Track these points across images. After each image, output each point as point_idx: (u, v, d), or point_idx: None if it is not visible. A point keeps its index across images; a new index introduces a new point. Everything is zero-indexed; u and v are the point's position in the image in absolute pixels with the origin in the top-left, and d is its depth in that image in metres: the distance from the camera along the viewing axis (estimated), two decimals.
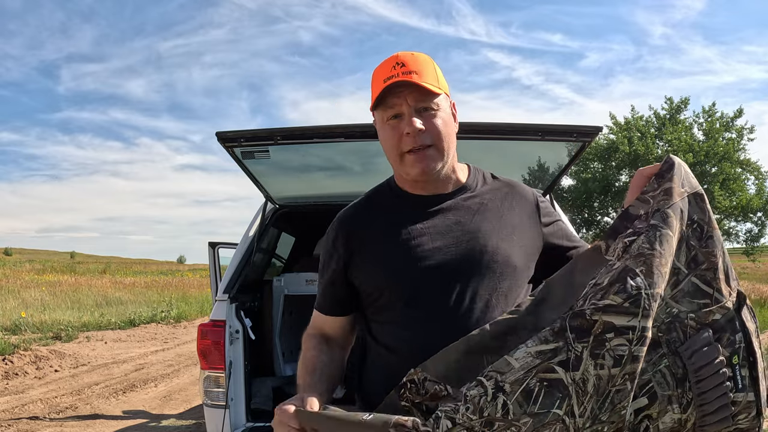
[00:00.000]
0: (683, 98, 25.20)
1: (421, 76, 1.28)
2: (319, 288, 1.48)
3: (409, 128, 1.27)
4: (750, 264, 27.79)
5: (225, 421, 3.06)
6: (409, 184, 1.39)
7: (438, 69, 1.34)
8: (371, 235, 1.37)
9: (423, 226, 1.34)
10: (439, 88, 1.31)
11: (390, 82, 1.27)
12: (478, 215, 1.35)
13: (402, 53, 1.32)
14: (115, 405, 6.25)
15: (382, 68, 1.32)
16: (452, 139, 1.35)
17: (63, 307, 15.14)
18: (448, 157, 1.34)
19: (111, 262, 65.48)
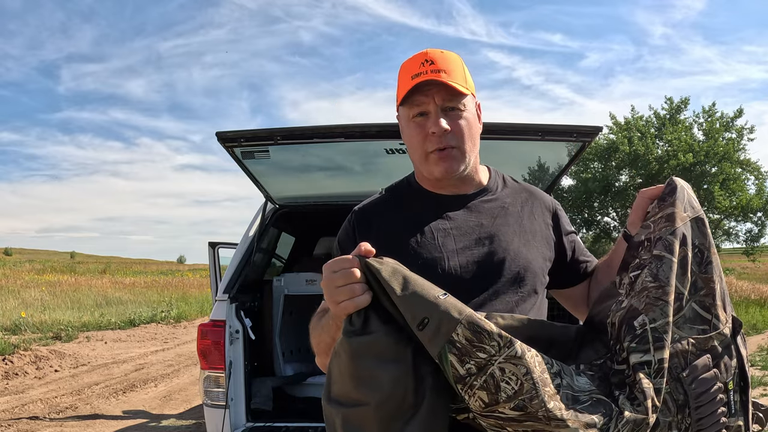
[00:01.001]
0: (683, 98, 25.24)
1: (449, 75, 1.26)
2: None
3: (435, 128, 1.26)
4: (750, 264, 27.78)
5: (225, 421, 3.06)
6: (430, 183, 1.38)
7: (466, 69, 1.33)
8: (392, 230, 1.34)
9: (446, 226, 1.32)
10: (467, 88, 1.29)
11: (418, 80, 1.25)
12: (500, 218, 1.34)
13: (431, 50, 1.30)
14: (115, 405, 6.25)
15: (410, 64, 1.30)
16: (476, 140, 1.34)
17: (63, 307, 15.14)
18: (471, 158, 1.33)
19: (111, 262, 65.48)
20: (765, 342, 8.67)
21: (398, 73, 1.34)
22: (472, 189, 1.38)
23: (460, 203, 1.35)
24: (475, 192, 1.38)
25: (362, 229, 1.37)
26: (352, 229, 1.38)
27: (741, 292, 13.11)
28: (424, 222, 1.33)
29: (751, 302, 11.99)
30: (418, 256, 1.29)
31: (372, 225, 1.37)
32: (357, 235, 1.36)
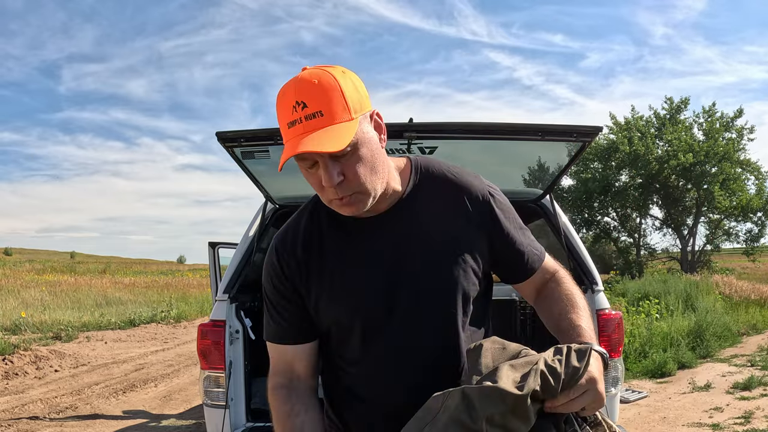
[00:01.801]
0: (683, 98, 25.22)
1: (327, 116, 1.09)
2: (271, 320, 1.32)
3: (326, 183, 1.13)
4: (750, 264, 27.73)
5: (225, 421, 3.06)
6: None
7: (348, 88, 1.12)
8: (324, 260, 1.28)
9: (360, 253, 1.26)
10: (352, 118, 1.11)
11: (294, 136, 1.10)
12: (417, 230, 1.25)
13: (302, 82, 1.10)
14: (115, 405, 6.25)
15: (283, 103, 1.12)
16: (379, 168, 1.18)
17: (63, 307, 15.14)
18: (377, 191, 1.19)
19: (111, 262, 65.45)
20: (765, 342, 8.67)
21: (275, 107, 1.17)
22: (389, 204, 1.27)
23: (379, 223, 1.26)
24: (392, 207, 1.27)
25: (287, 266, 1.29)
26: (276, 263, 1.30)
27: (741, 292, 13.10)
28: (347, 251, 1.27)
29: (751, 302, 11.99)
30: (336, 300, 1.26)
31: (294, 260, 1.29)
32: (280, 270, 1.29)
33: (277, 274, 1.30)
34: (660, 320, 8.98)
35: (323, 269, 1.28)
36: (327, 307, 1.27)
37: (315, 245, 1.29)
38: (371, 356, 1.26)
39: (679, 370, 7.11)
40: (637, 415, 5.36)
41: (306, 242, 1.30)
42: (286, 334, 1.31)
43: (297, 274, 1.28)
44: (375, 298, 1.24)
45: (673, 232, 26.73)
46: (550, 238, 3.93)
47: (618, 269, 24.63)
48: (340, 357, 1.30)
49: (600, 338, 3.09)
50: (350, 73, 1.16)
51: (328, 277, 1.27)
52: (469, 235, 1.27)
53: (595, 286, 3.18)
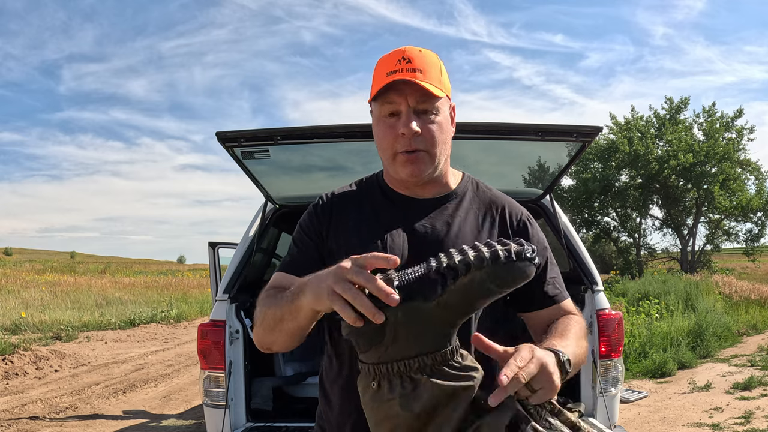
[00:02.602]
0: (683, 98, 25.19)
1: (425, 75, 1.23)
2: (288, 254, 1.37)
3: (405, 129, 1.23)
4: (750, 264, 27.71)
5: (225, 421, 3.06)
6: (396, 183, 1.37)
7: (444, 70, 1.30)
8: (347, 225, 1.34)
9: (398, 228, 1.30)
10: (442, 90, 1.26)
11: (393, 78, 1.22)
12: (455, 227, 1.31)
13: (409, 48, 1.27)
14: (115, 405, 6.25)
15: (387, 60, 1.27)
16: (447, 144, 1.32)
17: (63, 307, 15.14)
18: (440, 162, 1.30)
19: (111, 262, 65.45)
20: (765, 342, 8.67)
21: (374, 67, 1.31)
22: (438, 193, 1.35)
23: (420, 206, 1.33)
24: (439, 196, 1.35)
25: (323, 218, 1.36)
26: (315, 215, 1.38)
27: (741, 292, 13.10)
28: (380, 222, 1.32)
29: (751, 302, 11.99)
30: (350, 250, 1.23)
31: (332, 215, 1.36)
32: (317, 221, 1.36)
33: (310, 216, 1.38)
34: (660, 320, 8.98)
35: (355, 221, 1.33)
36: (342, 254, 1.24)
37: (356, 203, 1.37)
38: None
39: (679, 370, 7.11)
40: (637, 415, 5.36)
41: (348, 200, 1.38)
42: (299, 267, 1.29)
43: (329, 223, 1.35)
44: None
45: (673, 232, 26.73)
46: (550, 238, 3.93)
47: (618, 269, 24.63)
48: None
49: (600, 338, 3.09)
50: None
51: (358, 237, 1.30)
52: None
53: (595, 286, 3.18)
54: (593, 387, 3.11)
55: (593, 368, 3.09)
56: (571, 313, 1.34)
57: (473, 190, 1.40)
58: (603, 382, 3.08)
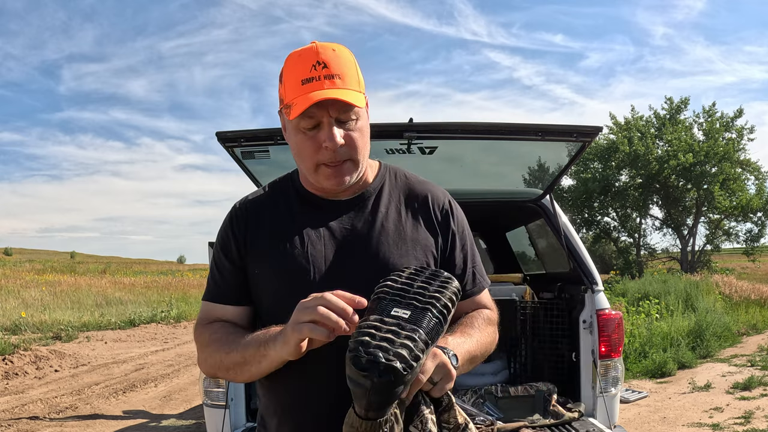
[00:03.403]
0: (683, 98, 25.19)
1: (344, 80, 1.18)
2: (211, 278, 1.34)
3: (329, 142, 1.19)
4: (750, 264, 27.69)
5: (225, 421, 3.06)
6: (312, 186, 1.32)
7: (357, 66, 1.24)
8: (265, 233, 1.31)
9: (319, 234, 1.28)
10: (361, 92, 1.22)
11: (312, 91, 1.16)
12: (377, 225, 1.28)
13: (322, 48, 1.19)
14: (115, 405, 6.25)
15: (299, 64, 1.19)
16: (367, 147, 1.28)
17: (63, 307, 15.14)
18: (363, 167, 1.27)
19: (111, 262, 65.42)
20: (765, 342, 8.67)
21: (284, 66, 1.24)
22: (356, 191, 1.32)
23: (339, 207, 1.30)
24: (357, 195, 1.32)
25: (239, 234, 1.32)
26: (231, 232, 1.33)
27: (741, 292, 13.09)
28: (298, 228, 1.29)
29: (751, 302, 11.98)
30: (286, 263, 1.26)
31: (248, 229, 1.32)
32: (233, 239, 1.32)
33: (227, 237, 1.33)
34: (660, 320, 8.98)
35: (274, 232, 1.30)
36: (268, 277, 1.27)
37: (272, 210, 1.33)
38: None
39: (679, 370, 7.11)
40: (637, 415, 5.36)
41: (264, 208, 1.34)
42: (225, 296, 1.31)
43: (245, 239, 1.31)
44: (318, 275, 1.24)
45: (673, 232, 26.73)
46: (550, 238, 3.93)
47: (618, 269, 24.61)
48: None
49: (600, 338, 3.09)
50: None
51: (276, 239, 1.29)
52: (424, 236, 1.30)
53: (595, 286, 3.18)
54: (593, 387, 3.11)
55: (593, 368, 3.09)
56: (483, 307, 1.35)
57: (391, 180, 1.36)
58: (603, 382, 3.08)
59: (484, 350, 1.26)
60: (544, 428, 3.05)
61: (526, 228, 4.52)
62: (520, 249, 5.34)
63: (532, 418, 3.12)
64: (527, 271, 4.77)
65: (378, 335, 0.98)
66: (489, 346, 1.28)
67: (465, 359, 1.18)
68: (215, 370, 1.26)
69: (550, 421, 3.08)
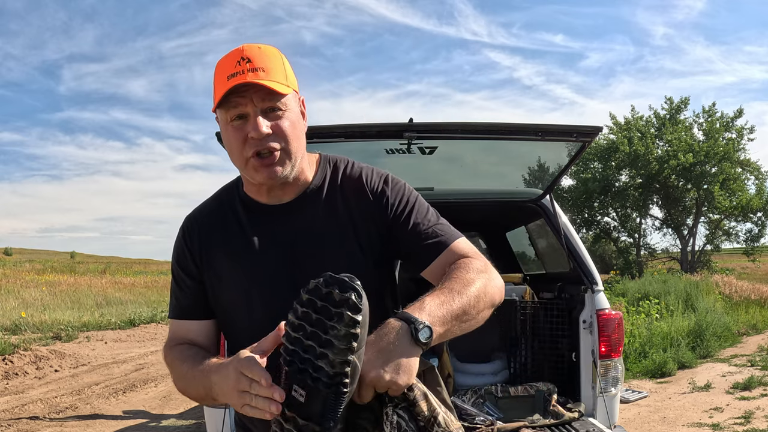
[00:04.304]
0: (683, 98, 25.19)
1: (268, 73, 1.18)
2: (174, 298, 1.36)
3: (254, 132, 1.17)
4: (750, 264, 27.69)
5: (225, 421, 3.06)
6: (254, 190, 1.31)
7: (287, 63, 1.25)
8: (220, 245, 1.31)
9: (264, 243, 1.27)
10: (288, 86, 1.21)
11: (234, 81, 1.16)
12: (319, 228, 1.27)
13: (248, 46, 1.21)
14: (115, 405, 6.25)
15: (226, 63, 1.20)
16: (301, 140, 1.26)
17: (63, 307, 15.15)
18: (296, 160, 1.24)
19: (111, 262, 65.38)
20: (765, 342, 8.67)
21: (213, 72, 1.24)
22: (296, 192, 1.30)
23: (282, 213, 1.29)
24: (299, 195, 1.30)
25: (193, 249, 1.33)
26: (185, 248, 1.34)
27: (741, 292, 13.09)
28: (247, 241, 1.28)
29: (751, 302, 11.98)
30: (235, 275, 1.27)
31: (201, 244, 1.32)
32: (189, 255, 1.33)
33: (182, 252, 1.34)
34: (660, 320, 8.98)
35: (227, 250, 1.30)
36: (225, 287, 1.29)
37: (222, 226, 1.32)
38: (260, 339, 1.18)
39: (679, 370, 7.11)
40: (637, 415, 5.36)
41: (214, 223, 1.33)
42: (188, 311, 1.34)
43: (200, 253, 1.32)
44: (270, 282, 1.25)
45: (673, 232, 26.73)
46: (550, 238, 3.93)
47: (618, 269, 24.61)
48: (237, 342, 1.29)
49: (600, 338, 3.09)
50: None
51: (230, 258, 1.29)
52: (366, 224, 1.28)
53: (595, 286, 3.18)
54: (593, 387, 3.11)
55: (593, 368, 3.09)
56: (461, 255, 1.25)
57: (331, 174, 1.34)
58: (603, 382, 3.08)
59: (473, 301, 1.14)
60: (544, 428, 3.05)
61: (526, 228, 4.52)
62: (520, 249, 5.34)
63: (532, 418, 3.12)
64: (527, 271, 4.77)
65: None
66: (480, 295, 1.15)
67: (446, 321, 1.08)
68: (184, 394, 1.28)
69: (550, 421, 3.08)
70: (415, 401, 1.04)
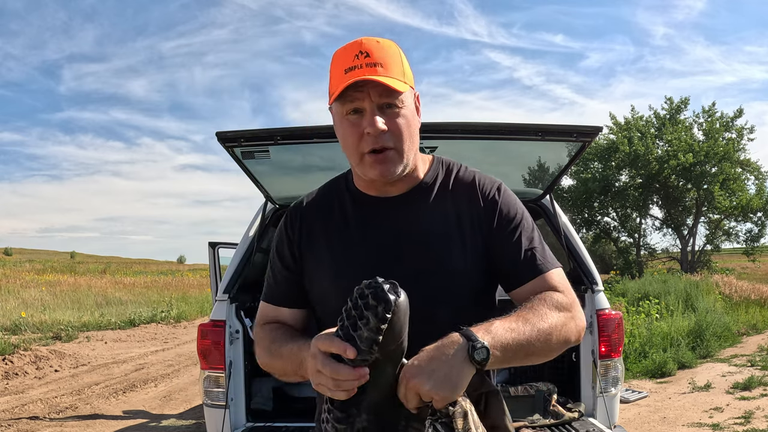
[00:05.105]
0: (683, 98, 25.16)
1: (386, 68, 1.18)
2: (268, 281, 1.38)
3: (370, 128, 1.18)
4: (750, 264, 27.69)
5: (225, 421, 3.06)
6: (364, 183, 1.32)
7: (404, 59, 1.24)
8: (322, 235, 1.31)
9: (371, 233, 1.27)
10: (405, 82, 1.21)
11: (353, 77, 1.16)
12: (423, 224, 1.26)
13: (366, 40, 1.21)
14: (115, 405, 6.25)
15: (344, 55, 1.20)
16: (415, 138, 1.26)
17: (63, 307, 15.14)
18: (409, 158, 1.24)
19: (111, 262, 65.41)
20: (765, 342, 8.67)
21: (330, 62, 1.24)
22: (407, 187, 1.30)
23: (389, 206, 1.29)
24: (408, 191, 1.30)
25: (293, 238, 1.34)
26: (286, 236, 1.35)
27: (741, 292, 13.10)
28: (350, 232, 1.29)
29: (751, 302, 11.98)
30: (335, 265, 1.27)
31: (302, 233, 1.33)
32: (288, 244, 1.34)
33: (281, 240, 1.36)
34: (660, 320, 8.98)
35: (328, 238, 1.30)
36: (323, 274, 1.29)
37: (326, 215, 1.33)
38: None
39: (679, 370, 7.11)
40: (637, 415, 5.36)
41: (318, 212, 1.34)
42: (279, 298, 1.36)
43: (300, 242, 1.33)
44: (365, 272, 1.20)
45: (673, 232, 26.72)
46: (550, 238, 3.93)
47: (618, 269, 24.61)
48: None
49: (600, 338, 3.09)
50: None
51: (330, 246, 1.29)
52: (473, 227, 1.26)
53: (595, 286, 3.18)
54: (593, 387, 3.11)
55: (593, 368, 3.09)
56: (554, 288, 1.22)
57: (444, 175, 1.33)
58: (603, 382, 3.08)
59: (544, 337, 1.11)
60: (544, 428, 3.05)
61: None
62: None
63: (532, 418, 3.12)
64: None
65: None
66: (553, 332, 1.12)
67: (508, 349, 1.06)
68: (267, 369, 1.33)
69: (550, 421, 3.08)
70: (454, 416, 1.05)
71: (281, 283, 1.35)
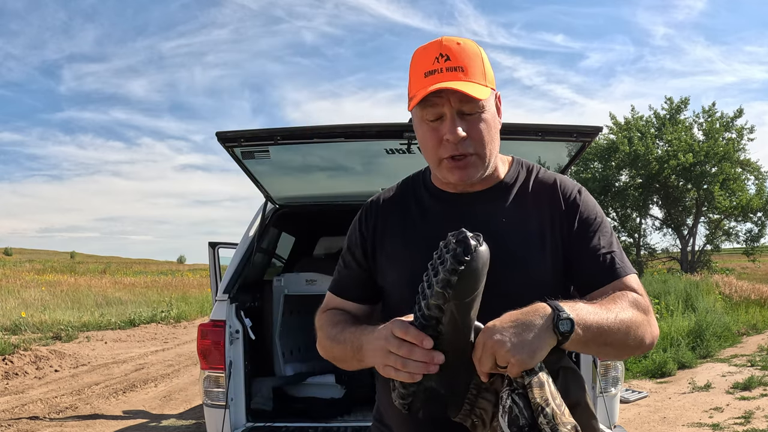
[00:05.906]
0: (683, 98, 25.18)
1: (467, 73, 1.16)
2: (337, 271, 1.39)
3: (450, 135, 1.16)
4: (750, 264, 27.70)
5: (225, 421, 3.06)
6: (441, 182, 1.31)
7: (486, 60, 1.21)
8: (392, 230, 1.31)
9: (445, 227, 1.21)
10: (486, 85, 1.18)
11: (433, 83, 1.15)
12: (507, 219, 1.25)
13: (447, 40, 1.18)
14: (115, 405, 6.25)
15: (424, 57, 1.19)
16: (496, 141, 1.23)
17: (63, 307, 15.14)
18: (489, 162, 1.23)
19: (111, 262, 65.42)
20: (765, 342, 8.67)
21: (410, 61, 1.23)
22: (486, 186, 1.28)
23: (467, 202, 1.27)
24: (487, 189, 1.28)
25: (366, 233, 1.34)
26: (359, 231, 1.35)
27: (741, 292, 13.09)
28: (427, 226, 1.28)
29: (751, 302, 11.98)
30: (410, 259, 1.25)
31: (377, 228, 1.33)
32: (360, 239, 1.34)
33: (354, 235, 1.36)
34: (660, 320, 8.97)
35: (402, 232, 1.30)
36: (394, 267, 1.28)
37: (402, 210, 1.33)
38: None
39: (679, 370, 7.11)
40: (637, 415, 5.36)
41: (394, 207, 1.34)
42: (345, 292, 1.36)
43: (373, 237, 1.33)
44: None
45: (673, 232, 26.73)
46: None
47: None
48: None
49: None
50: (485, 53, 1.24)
51: (404, 239, 1.29)
52: (552, 228, 1.25)
53: None
54: (593, 387, 3.11)
55: (593, 368, 3.09)
56: (627, 289, 1.19)
57: (524, 176, 1.32)
58: (603, 382, 3.08)
59: (624, 328, 1.09)
60: None
61: None
62: None
63: None
64: None
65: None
66: (631, 327, 1.11)
67: (589, 329, 1.05)
68: (326, 355, 1.31)
69: None
70: (530, 386, 0.99)
71: (348, 277, 1.36)
